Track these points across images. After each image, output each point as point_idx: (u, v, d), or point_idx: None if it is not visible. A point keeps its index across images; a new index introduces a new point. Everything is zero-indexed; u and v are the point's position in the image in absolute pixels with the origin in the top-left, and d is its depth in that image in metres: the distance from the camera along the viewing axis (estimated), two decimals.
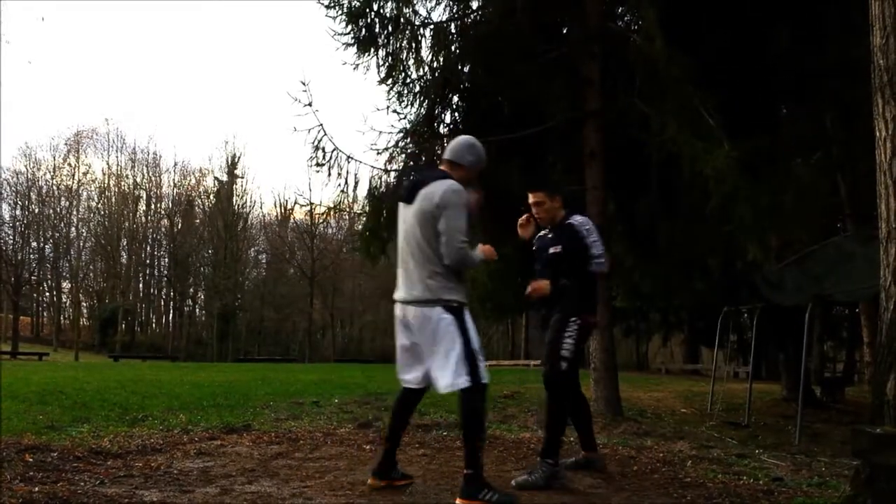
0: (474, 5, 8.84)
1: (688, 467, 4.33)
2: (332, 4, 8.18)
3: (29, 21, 58.53)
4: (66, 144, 43.27)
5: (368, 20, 8.14)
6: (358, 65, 8.31)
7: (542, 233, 4.06)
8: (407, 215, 3.33)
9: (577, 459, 4.12)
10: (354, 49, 8.23)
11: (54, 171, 42.47)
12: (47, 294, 46.61)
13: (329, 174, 8.30)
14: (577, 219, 3.90)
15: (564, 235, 3.85)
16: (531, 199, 3.96)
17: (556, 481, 3.64)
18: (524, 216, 3.96)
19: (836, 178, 12.72)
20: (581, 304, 3.82)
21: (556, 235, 3.91)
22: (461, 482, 3.19)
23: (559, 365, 3.74)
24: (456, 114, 8.96)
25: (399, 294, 3.33)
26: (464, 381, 3.11)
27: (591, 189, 7.57)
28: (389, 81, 8.37)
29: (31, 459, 3.85)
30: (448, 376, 3.14)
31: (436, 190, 3.20)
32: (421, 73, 8.38)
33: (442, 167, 3.44)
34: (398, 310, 3.34)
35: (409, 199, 3.32)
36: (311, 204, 23.19)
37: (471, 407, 3.15)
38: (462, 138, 3.50)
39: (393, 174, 8.52)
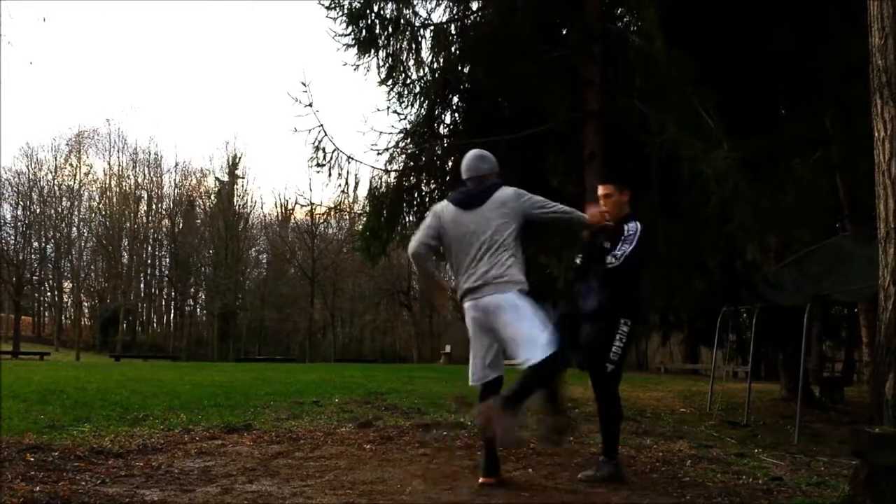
0: (474, 6, 8.87)
1: (687, 467, 4.34)
2: (333, 5, 8.20)
3: (30, 21, 58.62)
4: (67, 145, 43.28)
5: (369, 21, 8.16)
6: (358, 66, 8.34)
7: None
8: (472, 219, 3.52)
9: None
10: (355, 50, 8.26)
11: (56, 172, 42.51)
12: (48, 294, 46.68)
13: (329, 174, 8.33)
14: (631, 225, 3.86)
15: (617, 237, 3.84)
16: (601, 190, 4.03)
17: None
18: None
19: (835, 179, 12.72)
20: (633, 307, 3.84)
21: (613, 233, 3.89)
22: None
23: (606, 367, 3.73)
24: (456, 114, 8.98)
25: (469, 284, 3.47)
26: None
27: (590, 189, 7.58)
28: (390, 82, 8.39)
29: (32, 459, 3.86)
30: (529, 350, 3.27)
31: (505, 193, 3.56)
32: (421, 73, 8.41)
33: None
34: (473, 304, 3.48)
35: (471, 207, 3.55)
36: (312, 204, 23.24)
37: (530, 373, 3.25)
38: (473, 153, 3.76)
39: (393, 174, 8.54)
